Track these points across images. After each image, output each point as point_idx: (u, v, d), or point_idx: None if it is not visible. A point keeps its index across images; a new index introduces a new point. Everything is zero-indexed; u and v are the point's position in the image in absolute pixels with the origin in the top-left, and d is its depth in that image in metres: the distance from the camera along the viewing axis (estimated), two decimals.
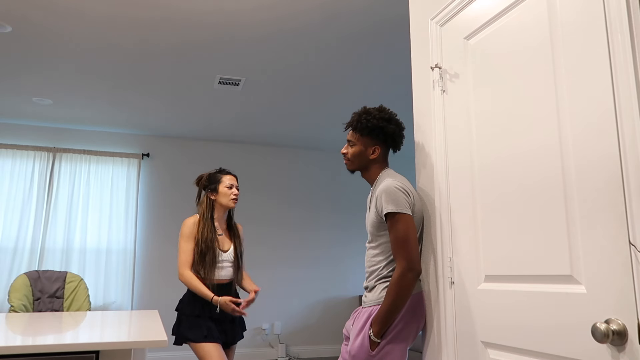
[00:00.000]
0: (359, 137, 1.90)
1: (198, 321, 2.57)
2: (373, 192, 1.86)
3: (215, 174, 2.78)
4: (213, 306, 2.60)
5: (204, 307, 2.61)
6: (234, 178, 2.78)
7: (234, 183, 2.75)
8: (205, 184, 2.77)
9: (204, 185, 2.78)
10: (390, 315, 1.67)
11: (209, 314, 2.60)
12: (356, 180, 6.53)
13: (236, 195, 2.73)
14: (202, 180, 2.79)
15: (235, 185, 2.75)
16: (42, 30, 3.28)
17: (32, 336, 2.00)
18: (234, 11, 3.05)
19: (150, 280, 5.52)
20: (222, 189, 2.72)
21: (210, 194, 2.74)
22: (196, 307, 2.60)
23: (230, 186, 2.73)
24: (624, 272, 1.12)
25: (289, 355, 5.86)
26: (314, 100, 4.59)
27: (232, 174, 2.80)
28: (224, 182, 2.73)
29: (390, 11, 3.04)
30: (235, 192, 2.73)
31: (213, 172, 2.80)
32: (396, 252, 1.70)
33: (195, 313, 2.59)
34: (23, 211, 5.14)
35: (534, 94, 1.41)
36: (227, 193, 2.72)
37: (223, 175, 2.76)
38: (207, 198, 2.75)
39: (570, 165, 1.28)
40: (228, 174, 2.78)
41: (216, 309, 2.60)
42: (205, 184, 2.77)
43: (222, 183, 2.73)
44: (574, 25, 1.29)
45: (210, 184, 2.75)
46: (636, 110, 1.12)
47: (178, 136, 5.83)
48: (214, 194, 2.74)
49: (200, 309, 2.60)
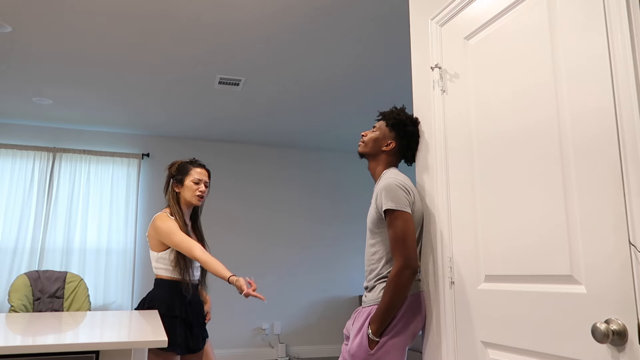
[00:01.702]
0: (383, 125, 1.95)
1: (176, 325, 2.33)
2: (375, 189, 1.87)
3: (185, 163, 2.50)
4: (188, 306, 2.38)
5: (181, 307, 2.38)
6: (204, 172, 2.49)
7: (203, 178, 2.47)
8: (174, 173, 2.49)
9: (172, 174, 2.50)
10: (387, 313, 1.67)
11: (184, 316, 2.37)
12: (356, 180, 6.53)
13: (202, 192, 2.45)
14: (172, 167, 2.52)
15: (203, 180, 2.47)
16: (42, 30, 3.28)
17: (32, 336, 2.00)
18: (234, 11, 3.05)
19: (150, 280, 5.51)
20: (188, 183, 2.44)
21: (175, 186, 2.47)
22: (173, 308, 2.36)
23: (198, 181, 2.45)
24: (624, 272, 1.12)
25: (289, 355, 5.86)
26: (314, 101, 4.59)
27: (205, 168, 2.52)
28: (191, 175, 2.45)
29: (390, 11, 3.04)
30: (201, 189, 2.45)
31: (185, 162, 2.52)
32: (394, 250, 1.70)
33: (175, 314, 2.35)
34: (23, 211, 5.14)
35: (534, 93, 1.41)
36: (192, 188, 2.44)
37: (193, 167, 2.49)
38: (172, 190, 2.47)
39: (571, 164, 1.28)
40: (199, 167, 2.50)
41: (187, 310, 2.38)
42: (174, 173, 2.49)
43: (190, 176, 2.45)
44: (574, 25, 1.29)
45: (178, 174, 2.48)
46: (636, 111, 1.12)
47: (178, 136, 5.83)
48: (179, 186, 2.46)
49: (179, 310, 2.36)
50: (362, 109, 4.83)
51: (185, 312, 2.38)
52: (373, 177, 1.95)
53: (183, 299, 2.40)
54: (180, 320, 2.35)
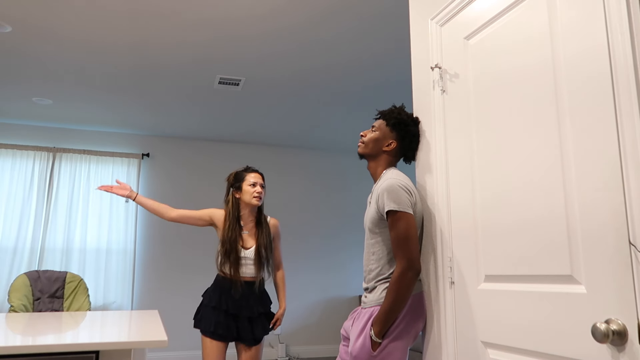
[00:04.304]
0: (383, 125, 1.93)
1: (212, 313, 2.64)
2: (375, 189, 1.86)
3: (241, 172, 2.81)
4: (230, 300, 2.65)
5: (222, 299, 2.65)
6: (258, 176, 2.78)
7: (258, 181, 2.76)
8: (232, 182, 2.81)
9: (231, 184, 2.81)
10: (391, 314, 1.66)
11: (225, 307, 2.63)
12: (356, 180, 6.53)
13: (259, 193, 2.73)
14: (229, 178, 2.84)
15: (259, 182, 2.76)
16: (42, 30, 3.28)
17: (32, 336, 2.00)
18: (234, 11, 3.05)
19: (150, 280, 5.52)
20: (245, 187, 2.74)
21: (235, 192, 2.78)
22: (213, 298, 2.67)
23: (254, 184, 2.74)
24: (624, 272, 1.12)
25: (289, 355, 5.86)
26: (314, 101, 4.59)
27: (258, 172, 2.81)
28: (247, 180, 2.75)
29: (390, 11, 3.04)
30: (258, 190, 2.73)
31: (240, 170, 2.83)
32: (396, 251, 1.70)
33: (211, 304, 2.66)
34: (23, 211, 5.14)
35: (534, 93, 1.41)
36: (249, 191, 2.72)
37: (247, 173, 2.79)
38: (233, 196, 2.78)
39: (571, 165, 1.28)
40: (253, 172, 2.79)
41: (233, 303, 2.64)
42: (232, 182, 2.81)
43: (246, 181, 2.75)
44: (573, 25, 1.29)
45: (236, 182, 2.79)
46: (636, 112, 1.12)
47: (178, 136, 5.83)
48: (239, 192, 2.77)
49: (217, 301, 2.65)
50: (362, 109, 4.83)
51: (227, 304, 2.64)
52: (373, 177, 1.94)
53: (226, 293, 2.68)
54: (219, 311, 2.64)
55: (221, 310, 2.64)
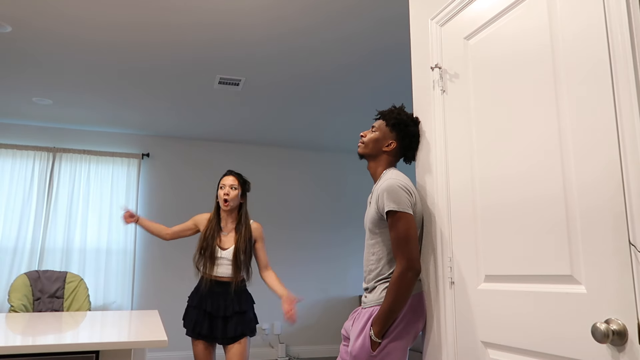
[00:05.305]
0: (383, 125, 1.93)
1: (193, 312, 2.73)
2: (375, 189, 1.86)
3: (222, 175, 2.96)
4: (208, 299, 2.71)
5: (200, 299, 2.73)
6: (228, 178, 2.81)
7: (226, 183, 2.79)
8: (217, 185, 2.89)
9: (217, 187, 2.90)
10: (390, 314, 1.66)
11: (204, 307, 2.70)
12: (356, 180, 6.53)
13: (226, 196, 2.75)
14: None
15: (227, 184, 2.78)
16: (42, 31, 3.28)
17: (32, 336, 2.00)
18: (234, 11, 3.05)
19: (150, 280, 5.52)
20: (219, 191, 2.81)
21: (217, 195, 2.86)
22: (194, 299, 2.76)
23: (222, 187, 2.79)
24: (624, 272, 1.12)
25: (289, 355, 5.86)
26: (314, 101, 4.59)
27: (231, 174, 2.83)
28: (220, 184, 2.81)
29: (390, 11, 3.04)
30: (225, 192, 2.76)
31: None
32: (396, 251, 1.70)
33: (193, 304, 2.75)
34: (23, 211, 5.14)
35: (534, 93, 1.41)
36: (220, 195, 2.79)
37: (222, 177, 2.84)
38: (216, 199, 2.87)
39: (571, 164, 1.28)
40: (225, 175, 2.83)
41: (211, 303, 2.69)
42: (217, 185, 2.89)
43: (220, 185, 2.82)
44: (574, 25, 1.29)
45: (218, 185, 2.86)
46: (636, 112, 1.12)
47: (178, 136, 5.83)
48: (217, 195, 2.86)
49: (198, 300, 2.73)
50: (362, 109, 4.83)
51: (204, 304, 2.71)
52: (373, 177, 1.94)
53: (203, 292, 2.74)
54: (198, 310, 2.71)
55: (200, 310, 2.71)
